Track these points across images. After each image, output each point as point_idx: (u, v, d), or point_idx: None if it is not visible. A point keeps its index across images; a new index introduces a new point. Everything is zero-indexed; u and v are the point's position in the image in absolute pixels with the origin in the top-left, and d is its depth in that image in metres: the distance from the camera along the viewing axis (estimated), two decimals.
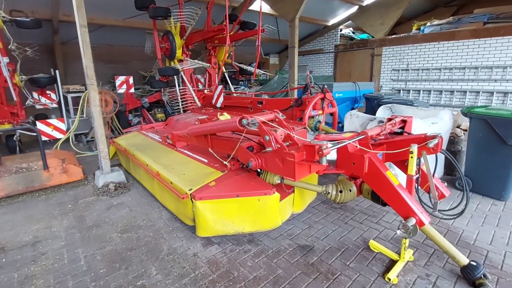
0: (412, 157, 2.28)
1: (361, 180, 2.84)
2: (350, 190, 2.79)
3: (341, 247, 2.84)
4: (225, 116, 2.95)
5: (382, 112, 4.77)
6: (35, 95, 6.96)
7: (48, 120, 5.73)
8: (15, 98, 5.93)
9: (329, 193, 2.80)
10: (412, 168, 2.31)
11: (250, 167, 2.66)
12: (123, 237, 3.09)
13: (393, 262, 2.58)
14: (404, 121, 2.89)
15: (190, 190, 2.89)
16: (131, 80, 7.97)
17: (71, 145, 6.53)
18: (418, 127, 3.58)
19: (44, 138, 5.65)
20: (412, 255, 2.67)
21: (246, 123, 2.47)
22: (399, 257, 2.56)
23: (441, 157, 4.21)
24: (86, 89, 6.75)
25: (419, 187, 2.59)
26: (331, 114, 4.87)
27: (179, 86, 7.03)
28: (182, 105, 7.04)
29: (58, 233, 3.19)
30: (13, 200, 4.05)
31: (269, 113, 2.73)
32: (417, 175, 2.38)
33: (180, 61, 6.98)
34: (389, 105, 4.85)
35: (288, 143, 2.53)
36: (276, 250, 2.81)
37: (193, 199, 2.81)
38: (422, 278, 2.40)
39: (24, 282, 2.42)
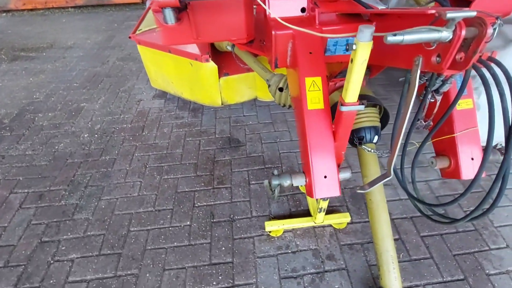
0: (352, 61, 0.90)
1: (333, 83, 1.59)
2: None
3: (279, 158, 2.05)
4: None
5: None
6: None
7: None
8: None
9: (269, 85, 1.77)
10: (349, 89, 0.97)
11: None
12: (115, 64, 3.28)
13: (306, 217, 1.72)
14: None
15: (139, 30, 2.45)
16: None
17: None
18: None
19: None
20: (349, 223, 1.67)
21: None
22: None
23: None
24: None
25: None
26: None
27: None
28: None
29: (88, 45, 3.70)
30: (91, 11, 4.79)
31: None
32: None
33: None
34: None
35: None
36: (201, 131, 2.33)
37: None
38: (308, 251, 1.54)
39: (36, 73, 3.13)
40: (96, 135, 2.31)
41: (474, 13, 0.69)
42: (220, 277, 1.46)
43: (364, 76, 1.62)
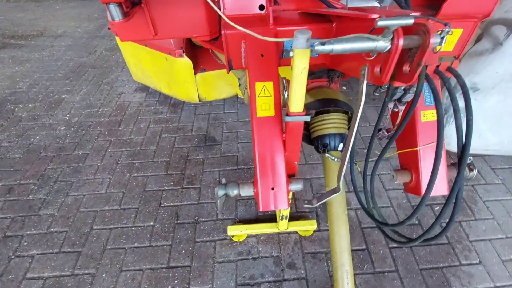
0: (292, 69, 0.83)
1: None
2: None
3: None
4: None
5: None
6: None
7: None
8: None
9: (240, 84, 1.70)
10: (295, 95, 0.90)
11: None
12: (102, 54, 3.23)
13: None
14: None
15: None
16: None
17: None
18: None
19: None
20: (316, 231, 1.61)
21: None
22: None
23: None
24: None
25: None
26: None
27: None
28: None
29: (77, 34, 3.65)
30: None
31: None
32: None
33: None
34: None
35: None
36: (178, 128, 2.28)
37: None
38: (269, 258, 1.50)
39: (23, 62, 3.11)
40: (72, 129, 2.29)
41: (411, 21, 0.60)
42: (176, 281, 1.43)
43: (337, 79, 1.53)
